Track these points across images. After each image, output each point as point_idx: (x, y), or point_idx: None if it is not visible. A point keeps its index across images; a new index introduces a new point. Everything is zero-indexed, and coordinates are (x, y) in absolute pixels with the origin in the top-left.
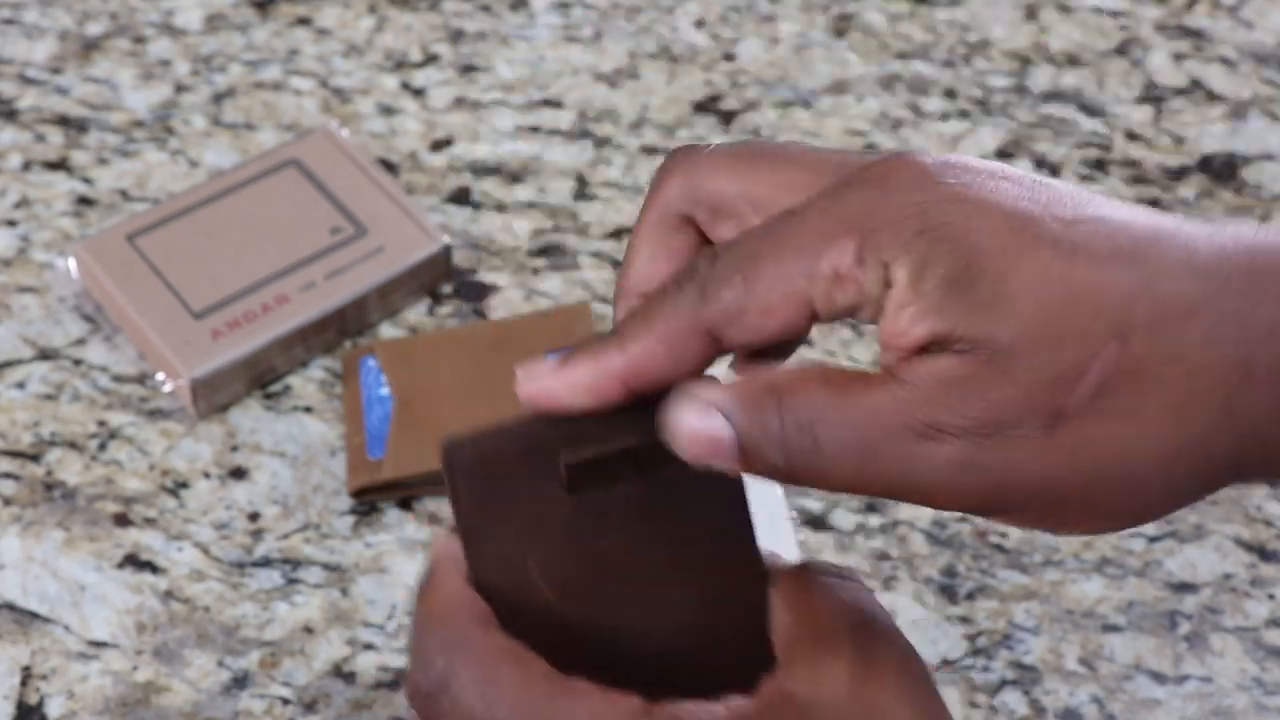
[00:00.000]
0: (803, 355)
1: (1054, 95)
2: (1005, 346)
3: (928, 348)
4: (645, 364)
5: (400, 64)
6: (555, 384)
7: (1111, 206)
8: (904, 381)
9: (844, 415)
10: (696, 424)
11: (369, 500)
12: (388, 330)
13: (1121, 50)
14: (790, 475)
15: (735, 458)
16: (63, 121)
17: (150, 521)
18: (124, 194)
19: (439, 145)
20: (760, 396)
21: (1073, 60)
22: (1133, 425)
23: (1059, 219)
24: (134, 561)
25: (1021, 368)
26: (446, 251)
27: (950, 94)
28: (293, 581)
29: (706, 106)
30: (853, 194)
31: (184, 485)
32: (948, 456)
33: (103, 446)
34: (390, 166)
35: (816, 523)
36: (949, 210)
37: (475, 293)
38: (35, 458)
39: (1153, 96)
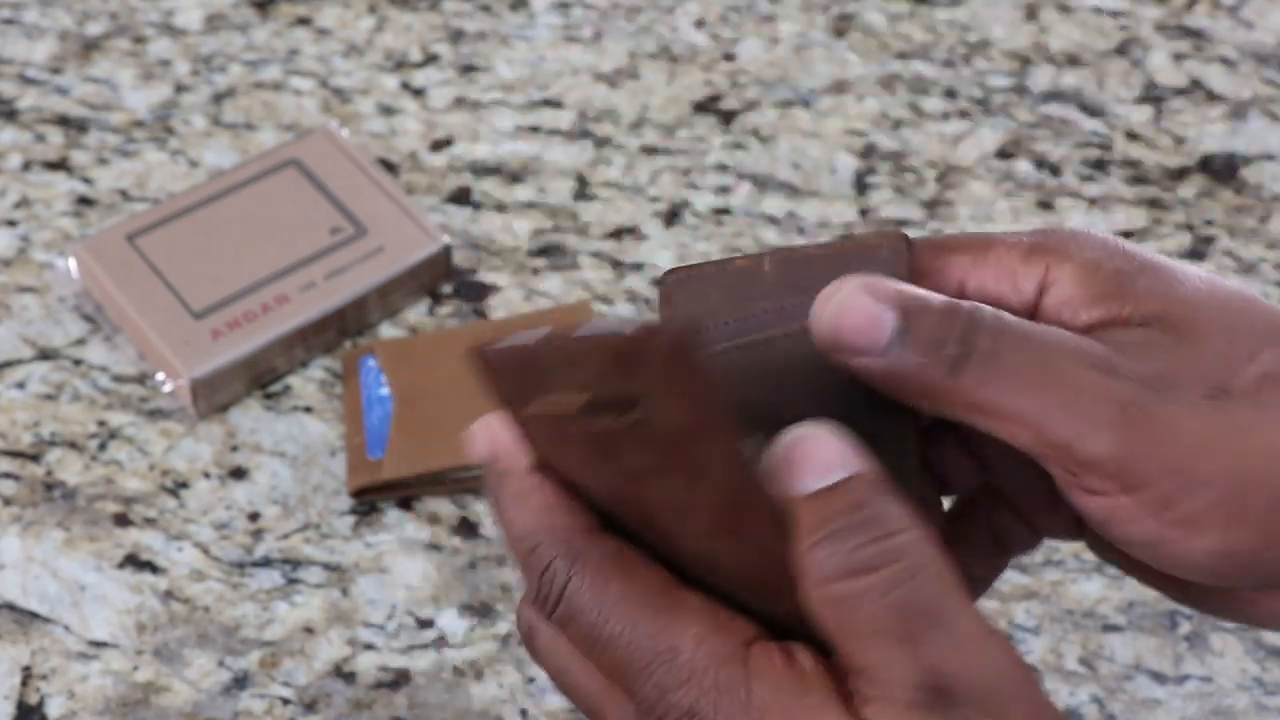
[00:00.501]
0: None
1: (1054, 95)
2: (1184, 319)
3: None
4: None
5: (400, 64)
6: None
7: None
8: (1088, 336)
9: (1031, 334)
10: (863, 307)
11: (369, 500)
12: (388, 330)
13: (1121, 50)
14: (951, 374)
15: (890, 347)
16: (63, 121)
17: (150, 521)
18: (124, 194)
19: (439, 145)
20: (942, 304)
21: (1073, 60)
22: None
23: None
24: (134, 561)
25: (1198, 339)
26: (446, 251)
27: (950, 94)
28: (293, 581)
29: (706, 106)
30: (1046, 230)
31: (184, 485)
32: (1116, 392)
33: (103, 446)
34: (390, 166)
35: None
36: (1112, 244)
37: (475, 293)
38: (35, 458)
39: (1153, 96)
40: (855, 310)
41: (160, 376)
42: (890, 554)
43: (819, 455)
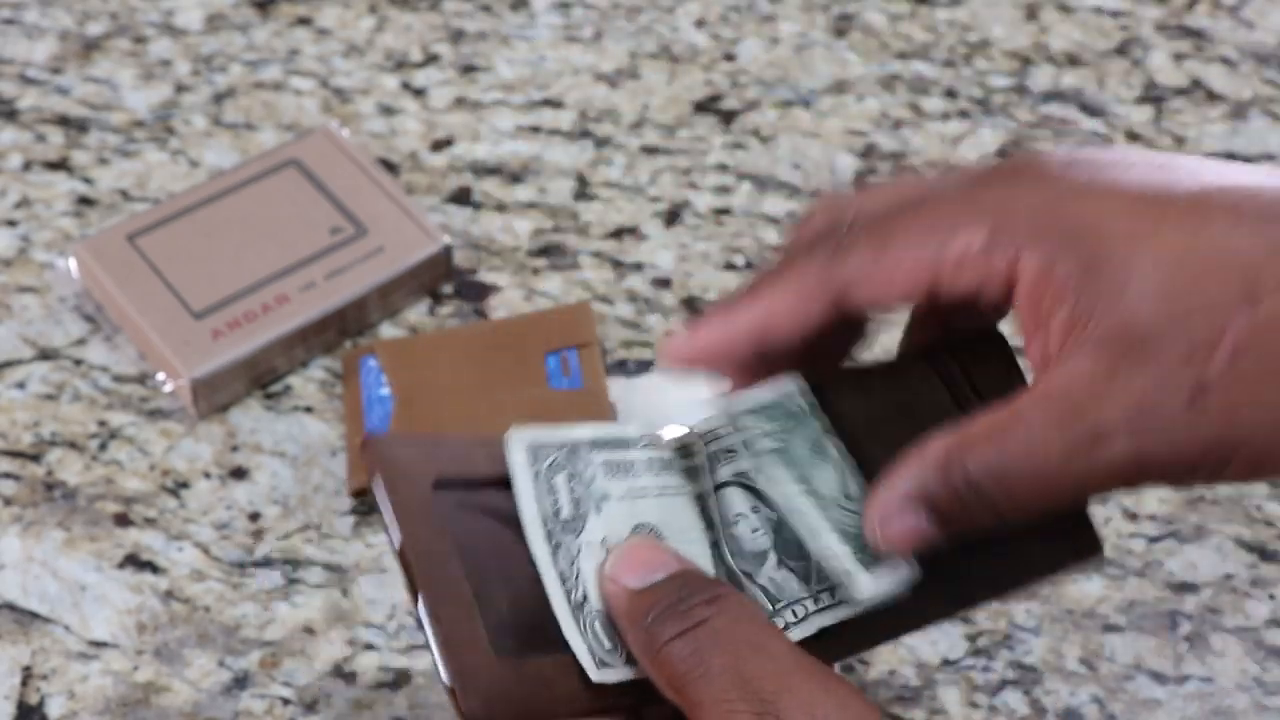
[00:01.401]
0: None
1: (1054, 95)
2: (1141, 329)
3: (1066, 343)
4: (774, 318)
5: (400, 64)
6: (691, 345)
7: (1242, 173)
8: (1054, 395)
9: (1018, 455)
10: (895, 531)
11: (370, 500)
12: (388, 330)
13: (1122, 50)
14: (993, 519)
15: (941, 535)
16: (63, 121)
17: (150, 521)
18: (124, 194)
19: (439, 145)
20: (937, 468)
21: (1073, 60)
22: (1272, 383)
23: (1185, 194)
24: (134, 561)
25: (1160, 347)
26: (447, 251)
27: (950, 94)
28: (293, 581)
29: (706, 106)
30: (985, 189)
31: (184, 485)
32: (1117, 456)
33: (103, 446)
34: (390, 166)
35: None
36: (1077, 204)
37: (475, 293)
38: (35, 458)
39: (1153, 96)
40: (899, 538)
41: (160, 376)
42: (707, 611)
43: (641, 560)
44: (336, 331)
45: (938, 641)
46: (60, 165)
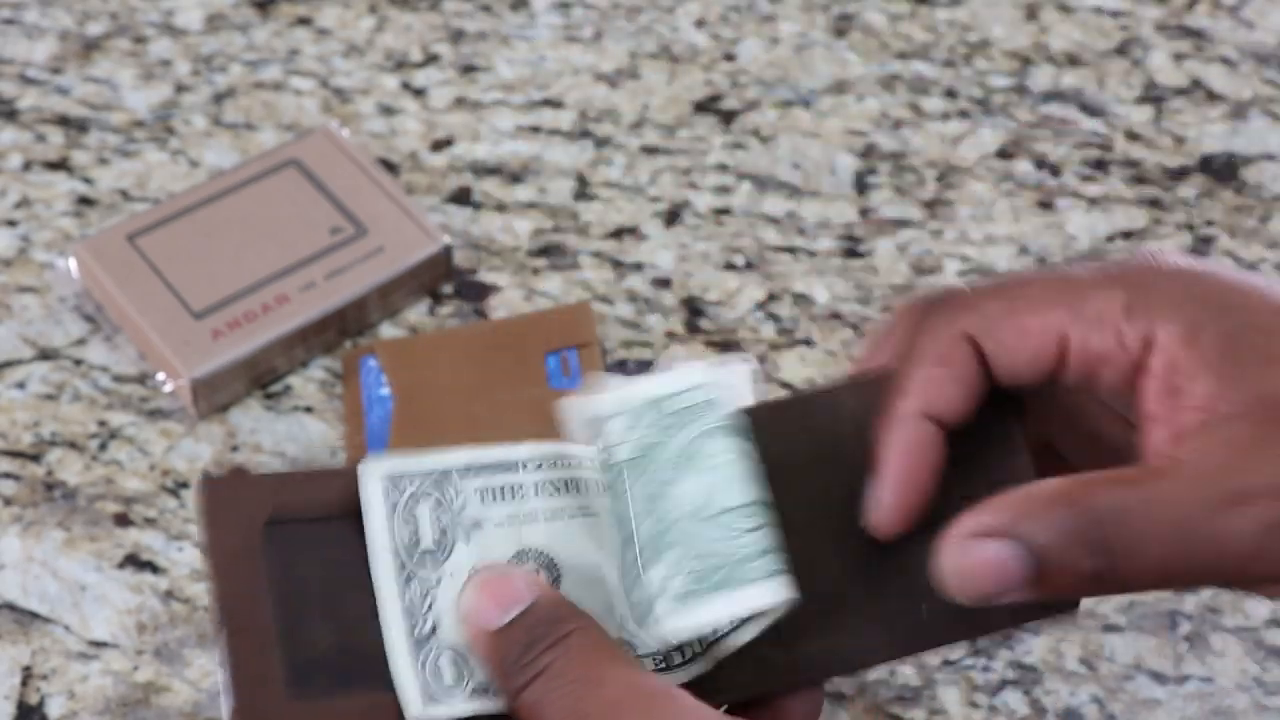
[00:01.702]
0: (802, 354)
1: (1054, 95)
2: (1275, 379)
3: (1203, 415)
4: (932, 391)
5: (400, 64)
6: (889, 459)
7: None
8: (1197, 460)
9: (1152, 504)
10: (980, 555)
11: None
12: (388, 330)
13: (1122, 50)
14: (1098, 582)
15: (1030, 582)
16: (63, 121)
17: (151, 521)
18: (124, 194)
19: (439, 145)
20: (1054, 504)
21: (1073, 60)
22: None
23: None
24: (134, 561)
25: None
26: (447, 251)
27: (950, 94)
28: None
29: (706, 106)
30: (1117, 267)
31: (184, 485)
32: (1258, 519)
33: (103, 446)
34: (390, 166)
35: None
36: (1216, 284)
37: (475, 293)
38: (35, 458)
39: (1153, 96)
40: (980, 566)
41: (160, 376)
42: (550, 657)
43: (498, 594)
44: (336, 331)
45: None
46: (60, 165)
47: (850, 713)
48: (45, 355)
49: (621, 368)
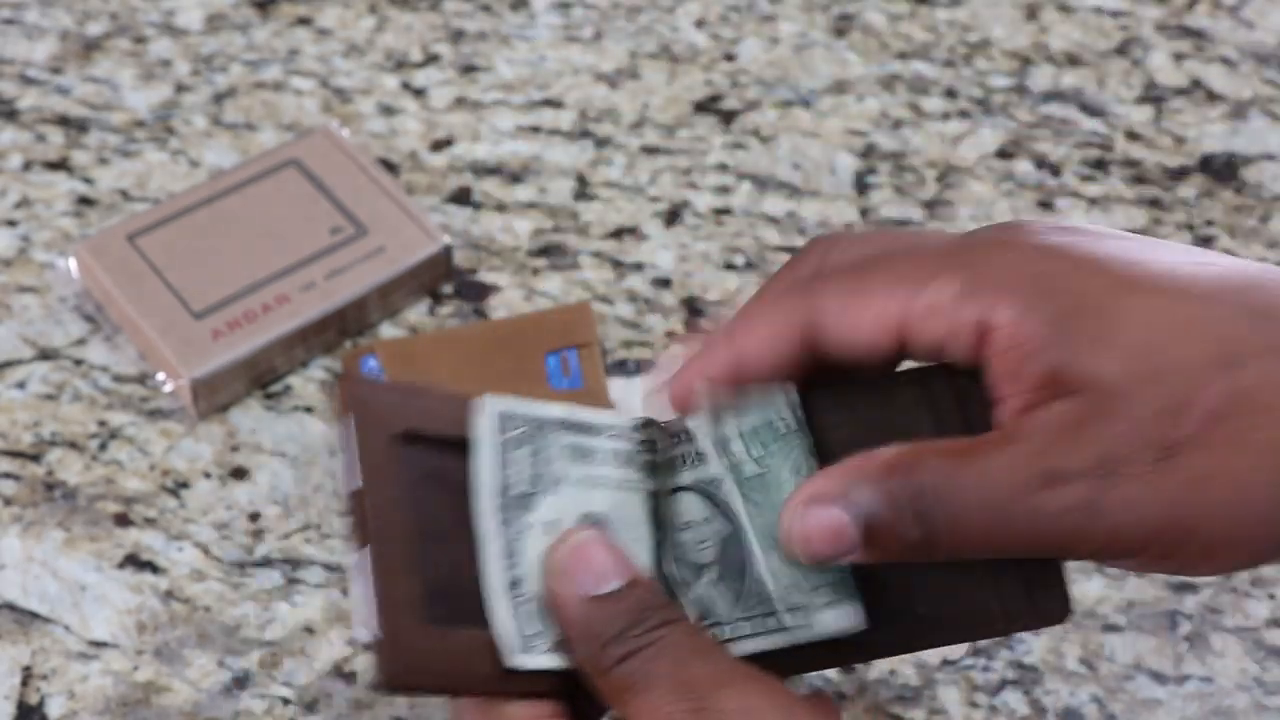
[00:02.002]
0: None
1: (1054, 95)
2: (1113, 384)
3: (1039, 395)
4: (747, 355)
5: (400, 64)
6: (674, 386)
7: (1223, 256)
8: (1020, 437)
9: (970, 478)
10: (815, 520)
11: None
12: (388, 330)
13: (1122, 50)
14: (924, 547)
15: (859, 544)
16: (63, 121)
17: (150, 521)
18: (124, 194)
19: (439, 145)
20: (882, 473)
21: (1073, 60)
22: (1246, 456)
23: (1165, 263)
24: (134, 561)
25: (1131, 404)
26: (447, 251)
27: (950, 94)
28: (293, 581)
29: (706, 106)
30: (965, 248)
31: (184, 485)
32: (1070, 502)
33: (103, 446)
34: (390, 166)
35: None
36: (1054, 261)
37: (476, 293)
38: (35, 458)
39: (1153, 96)
40: (811, 521)
41: (160, 376)
42: (659, 634)
43: (597, 563)
44: (336, 331)
45: None
46: (60, 165)
47: (850, 713)
48: (45, 355)
49: (621, 368)
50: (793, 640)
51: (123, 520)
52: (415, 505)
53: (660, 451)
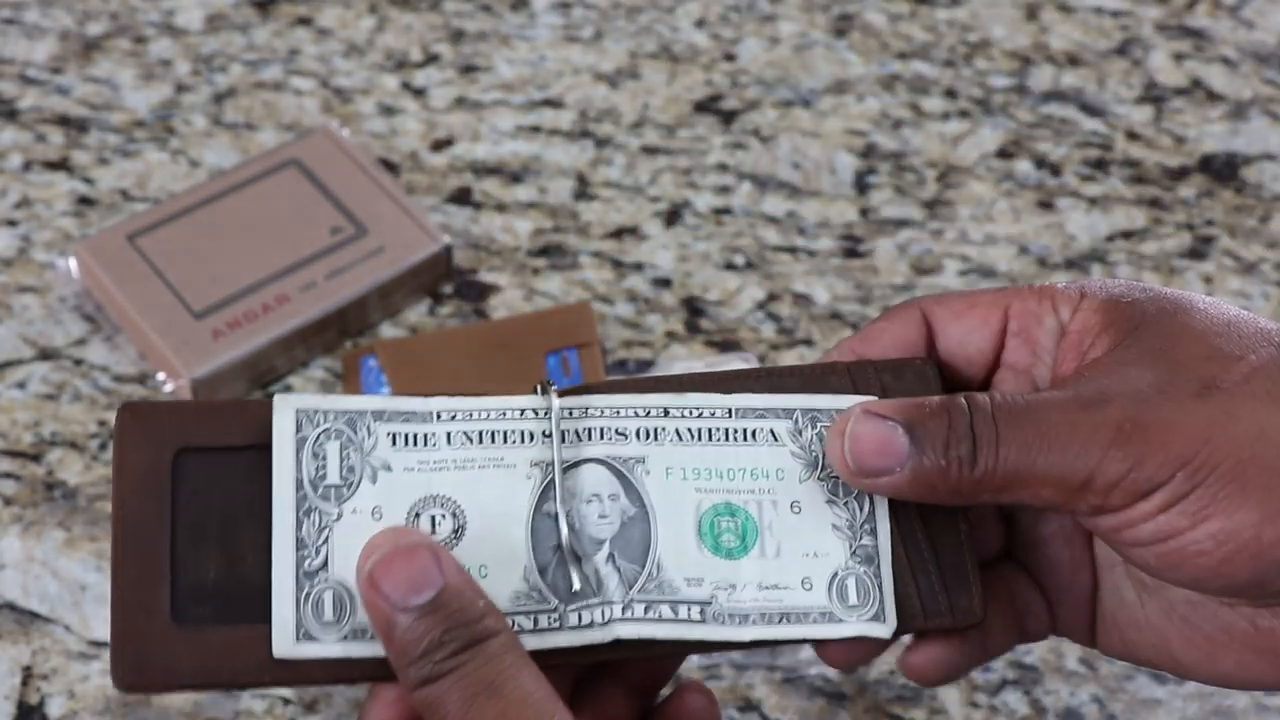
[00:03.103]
0: (802, 353)
1: (1054, 95)
2: (1175, 328)
3: (1102, 341)
4: (874, 354)
5: (401, 64)
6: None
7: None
8: (1074, 376)
9: (1021, 405)
10: (867, 428)
11: None
12: (388, 330)
13: (1122, 50)
14: (972, 469)
15: (905, 459)
16: (63, 121)
17: None
18: (124, 194)
19: (439, 145)
20: (941, 402)
21: (1073, 60)
22: (1277, 411)
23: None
24: None
25: (1188, 345)
26: (447, 251)
27: (950, 94)
28: None
29: (706, 106)
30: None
31: None
32: (1110, 416)
33: (103, 446)
34: (391, 166)
35: None
36: (1130, 287)
37: (476, 293)
38: (36, 458)
39: (1153, 96)
40: (866, 434)
41: (161, 376)
42: (460, 659)
43: (408, 570)
44: (336, 331)
45: None
46: (60, 165)
47: (850, 713)
48: (45, 355)
49: (622, 368)
50: (687, 635)
51: None
52: (183, 515)
53: (566, 421)
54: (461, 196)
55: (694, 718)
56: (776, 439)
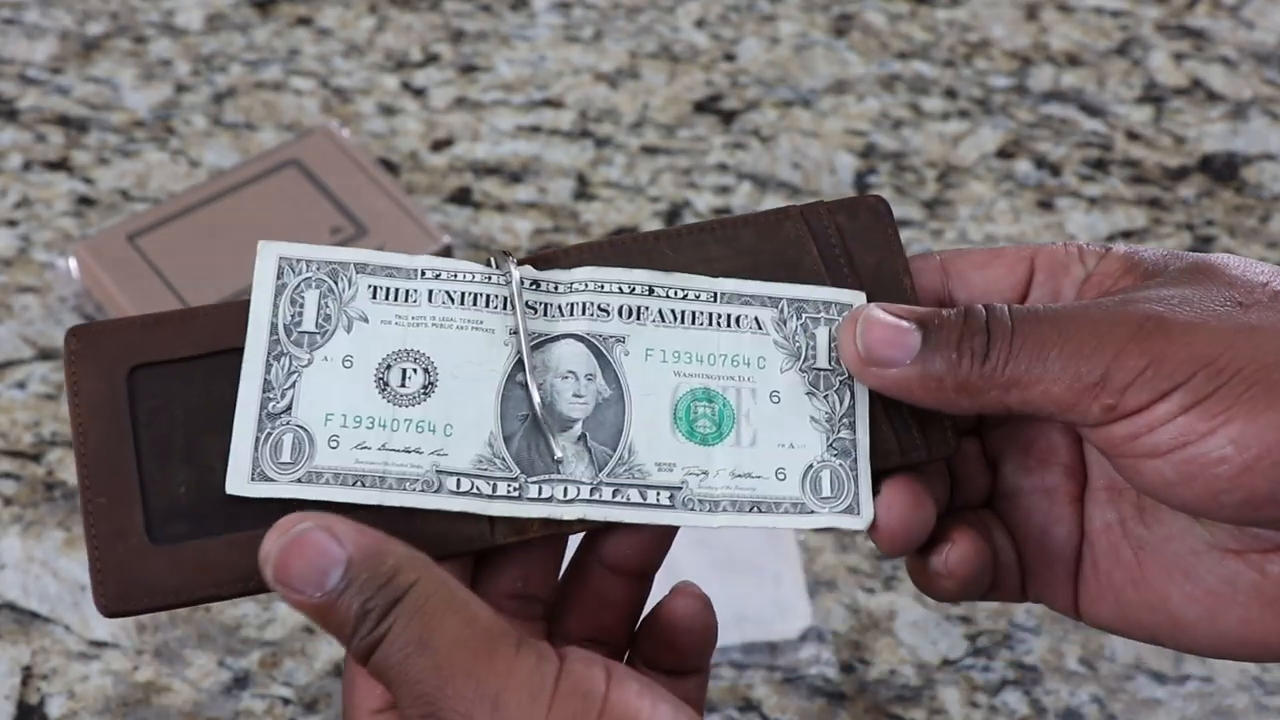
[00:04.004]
0: None
1: (1054, 95)
2: (1206, 269)
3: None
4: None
5: (401, 64)
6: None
7: None
8: (1106, 292)
9: (1042, 309)
10: (880, 318)
11: None
12: None
13: (1122, 50)
14: (983, 362)
15: (915, 350)
16: (63, 121)
17: None
18: (124, 194)
19: (439, 145)
20: (954, 310)
21: (1073, 60)
22: None
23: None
24: None
25: (1217, 280)
26: (447, 251)
27: (950, 94)
28: None
29: (706, 106)
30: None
31: None
32: (1132, 313)
33: None
34: (391, 166)
35: None
36: (1156, 251)
37: None
38: (36, 458)
39: (1153, 96)
40: (878, 324)
41: None
42: (386, 624)
43: (309, 560)
44: None
45: (938, 641)
46: (60, 165)
47: (850, 713)
48: (45, 355)
49: None
50: (653, 520)
51: None
52: (145, 434)
53: (547, 294)
54: (461, 196)
55: (684, 622)
56: (761, 327)
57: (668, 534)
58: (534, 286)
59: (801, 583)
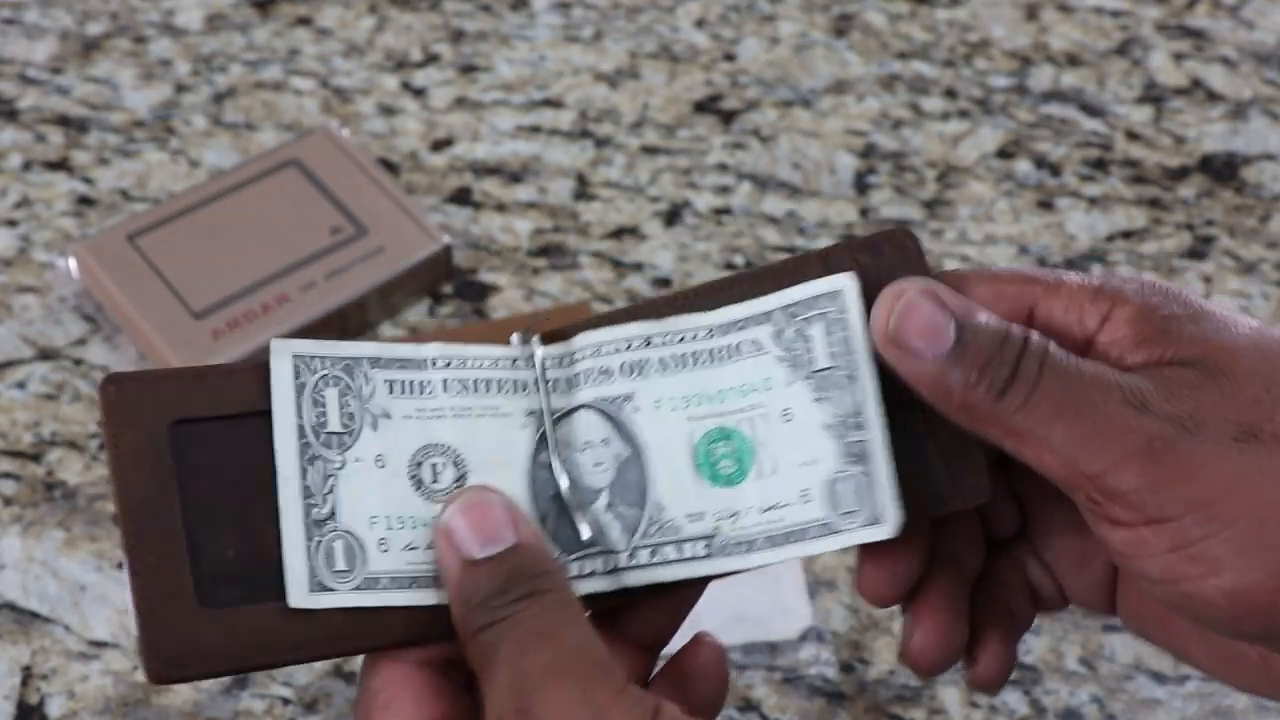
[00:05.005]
0: None
1: (1054, 95)
2: (1223, 364)
3: (1155, 354)
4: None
5: (401, 64)
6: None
7: None
8: (1129, 370)
9: (1073, 367)
10: (920, 306)
11: None
12: (388, 330)
13: (1122, 50)
14: (997, 398)
15: (948, 351)
16: (63, 121)
17: None
18: (124, 194)
19: (439, 145)
20: (999, 322)
21: (1073, 60)
22: None
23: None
24: None
25: (1234, 385)
26: (447, 251)
27: (950, 94)
28: None
29: (706, 106)
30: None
31: None
32: (1145, 427)
33: (103, 446)
34: (390, 166)
35: None
36: (1180, 291)
37: (476, 293)
38: (36, 458)
39: (1153, 96)
40: (919, 310)
41: None
42: (518, 607)
43: (484, 524)
44: (336, 331)
45: None
46: (60, 165)
47: (850, 713)
48: (45, 355)
49: None
50: (694, 573)
51: None
52: (190, 493)
53: (556, 369)
54: (461, 196)
55: (701, 670)
56: (759, 347)
57: (689, 606)
58: (544, 366)
59: (801, 583)
